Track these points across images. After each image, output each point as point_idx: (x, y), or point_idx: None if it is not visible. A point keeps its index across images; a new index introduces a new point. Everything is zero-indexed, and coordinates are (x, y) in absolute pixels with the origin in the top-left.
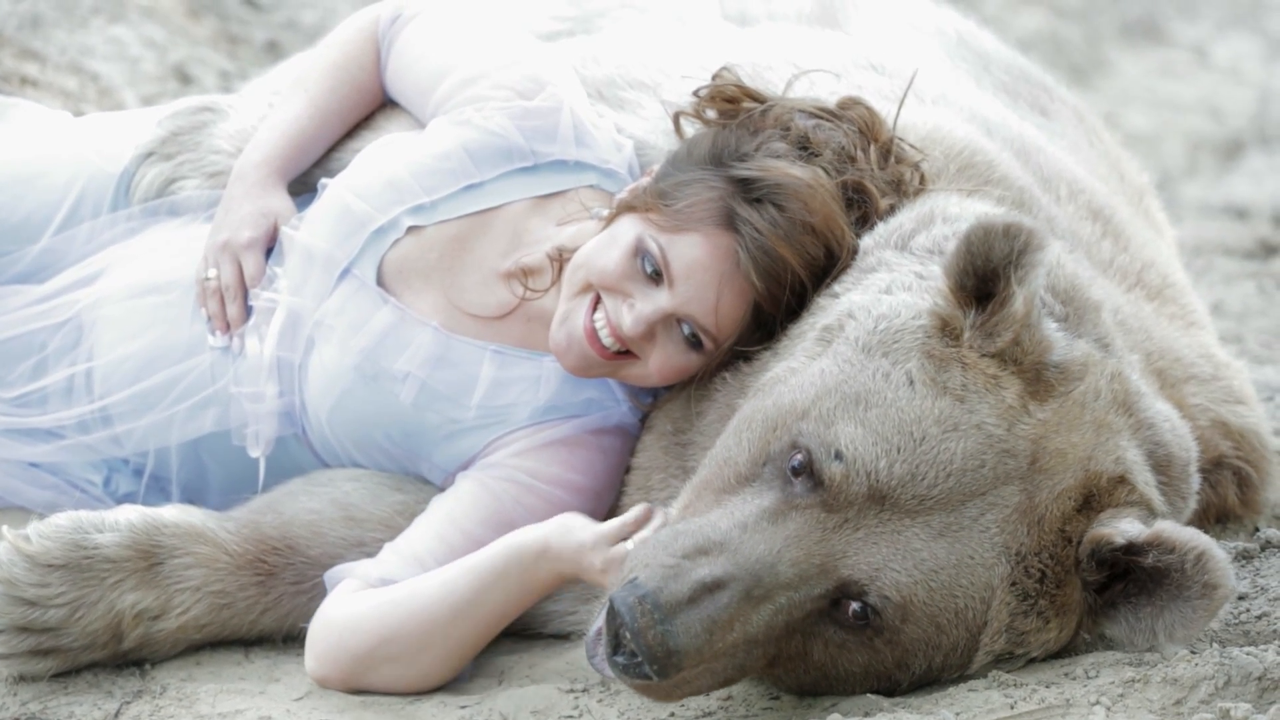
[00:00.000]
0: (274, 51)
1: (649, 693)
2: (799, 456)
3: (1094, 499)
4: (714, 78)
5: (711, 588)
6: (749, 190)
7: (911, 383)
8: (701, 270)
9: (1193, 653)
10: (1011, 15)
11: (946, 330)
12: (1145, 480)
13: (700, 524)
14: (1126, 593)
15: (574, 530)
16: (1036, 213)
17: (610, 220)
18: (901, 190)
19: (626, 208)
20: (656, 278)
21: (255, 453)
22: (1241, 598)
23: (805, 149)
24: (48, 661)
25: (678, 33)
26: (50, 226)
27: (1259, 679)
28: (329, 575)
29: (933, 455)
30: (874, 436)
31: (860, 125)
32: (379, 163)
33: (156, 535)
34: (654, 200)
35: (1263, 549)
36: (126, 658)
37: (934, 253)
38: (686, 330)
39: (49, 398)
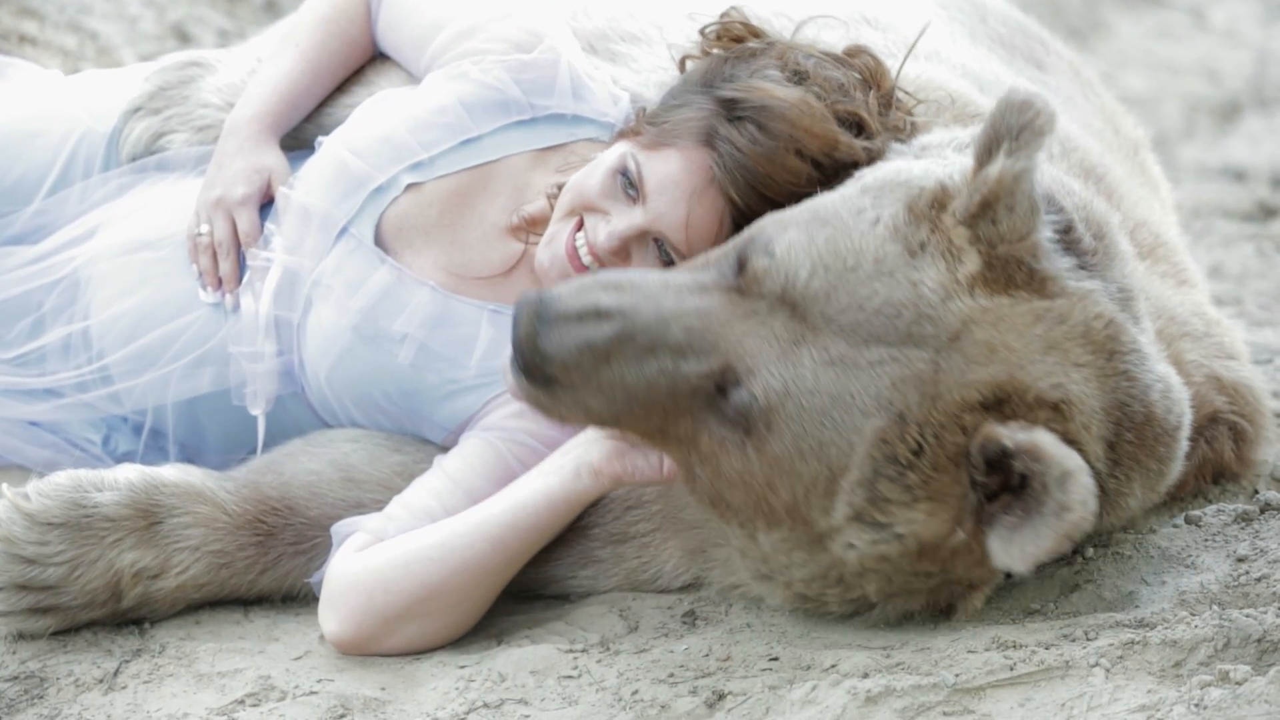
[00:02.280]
0: (272, 10)
1: (535, 405)
2: (746, 248)
3: (1008, 406)
4: (721, 16)
5: (600, 315)
6: (732, 110)
7: (876, 222)
8: (673, 185)
9: (1192, 615)
10: None
11: (942, 194)
12: (1088, 423)
13: (639, 272)
14: (1009, 506)
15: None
16: None
17: (606, 148)
18: (899, 138)
19: (621, 134)
20: (635, 196)
21: (255, 411)
22: (1241, 560)
23: (798, 75)
24: (46, 619)
25: None
26: (43, 187)
27: (1258, 641)
28: (336, 528)
29: (854, 285)
30: (811, 248)
31: (864, 74)
32: (375, 119)
33: (156, 494)
34: (642, 123)
35: (1262, 511)
36: (125, 616)
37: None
38: (662, 249)
39: (47, 356)
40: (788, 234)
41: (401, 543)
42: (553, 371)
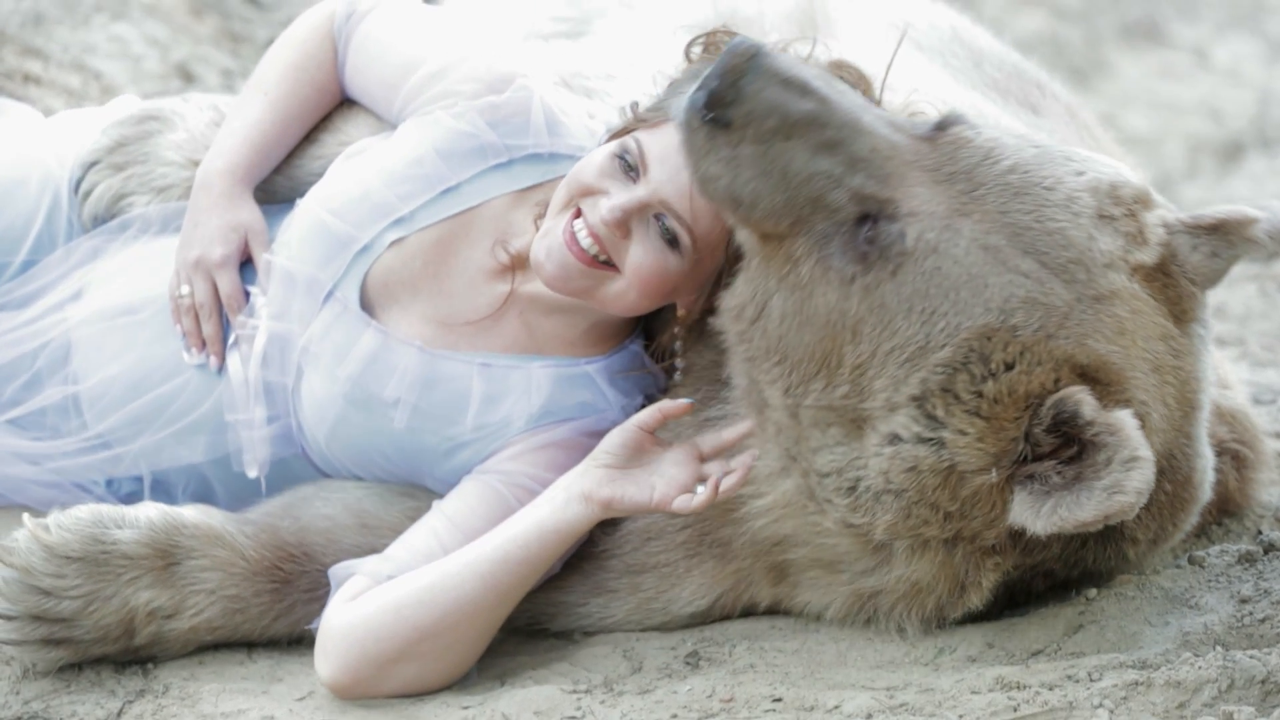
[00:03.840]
0: None
1: (691, 143)
2: (952, 114)
3: (1099, 389)
4: (708, 34)
5: (805, 92)
6: None
7: (1081, 174)
8: (675, 154)
9: (1196, 656)
10: (1011, 16)
11: (1147, 196)
12: (1152, 445)
13: (850, 89)
14: (1048, 472)
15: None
16: None
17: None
18: None
19: (612, 138)
20: (634, 174)
21: (252, 474)
22: (1244, 600)
23: None
24: (58, 652)
25: (647, 33)
26: (27, 240)
27: (1262, 682)
28: (335, 572)
29: (1043, 201)
30: (1018, 151)
31: (851, 83)
32: (352, 176)
33: (176, 535)
34: (635, 120)
35: (1265, 552)
36: (137, 654)
37: None
38: (666, 222)
39: (47, 413)
40: (998, 130)
41: (393, 587)
42: (735, 115)
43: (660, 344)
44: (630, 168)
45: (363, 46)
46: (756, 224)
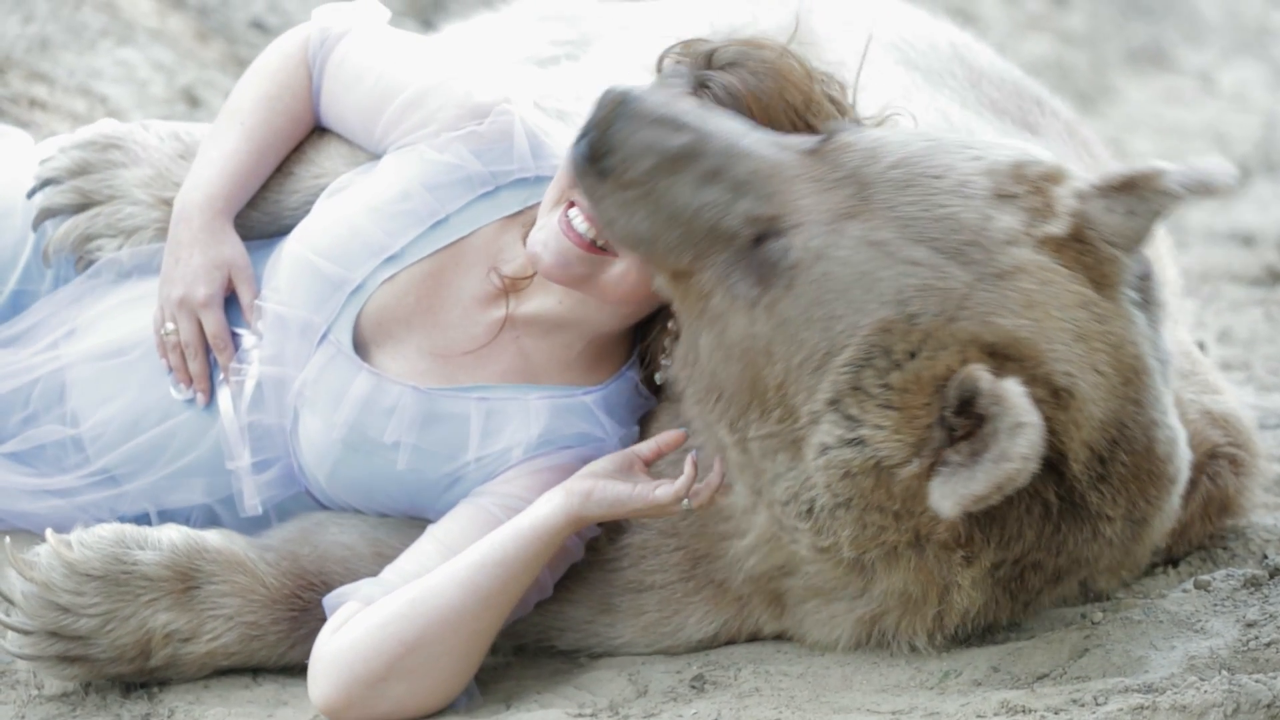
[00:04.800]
0: None
1: (584, 188)
2: (840, 122)
3: (1013, 365)
4: (682, 45)
5: (678, 126)
6: (719, 62)
7: (978, 159)
8: None
9: (1202, 680)
10: (1018, 41)
11: (1059, 173)
12: (1080, 424)
13: (729, 114)
14: (953, 453)
15: (603, 487)
16: None
17: None
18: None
19: None
20: None
21: (246, 514)
22: (1250, 625)
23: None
24: (74, 669)
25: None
26: (16, 269)
27: (1268, 706)
28: (328, 601)
29: (930, 190)
30: (904, 144)
31: (832, 93)
32: (338, 215)
33: (197, 559)
34: None
35: (1271, 576)
36: (152, 675)
37: None
38: None
39: (46, 447)
40: (887, 125)
41: (379, 608)
42: (614, 162)
43: (650, 350)
44: None
45: (338, 73)
46: (661, 263)
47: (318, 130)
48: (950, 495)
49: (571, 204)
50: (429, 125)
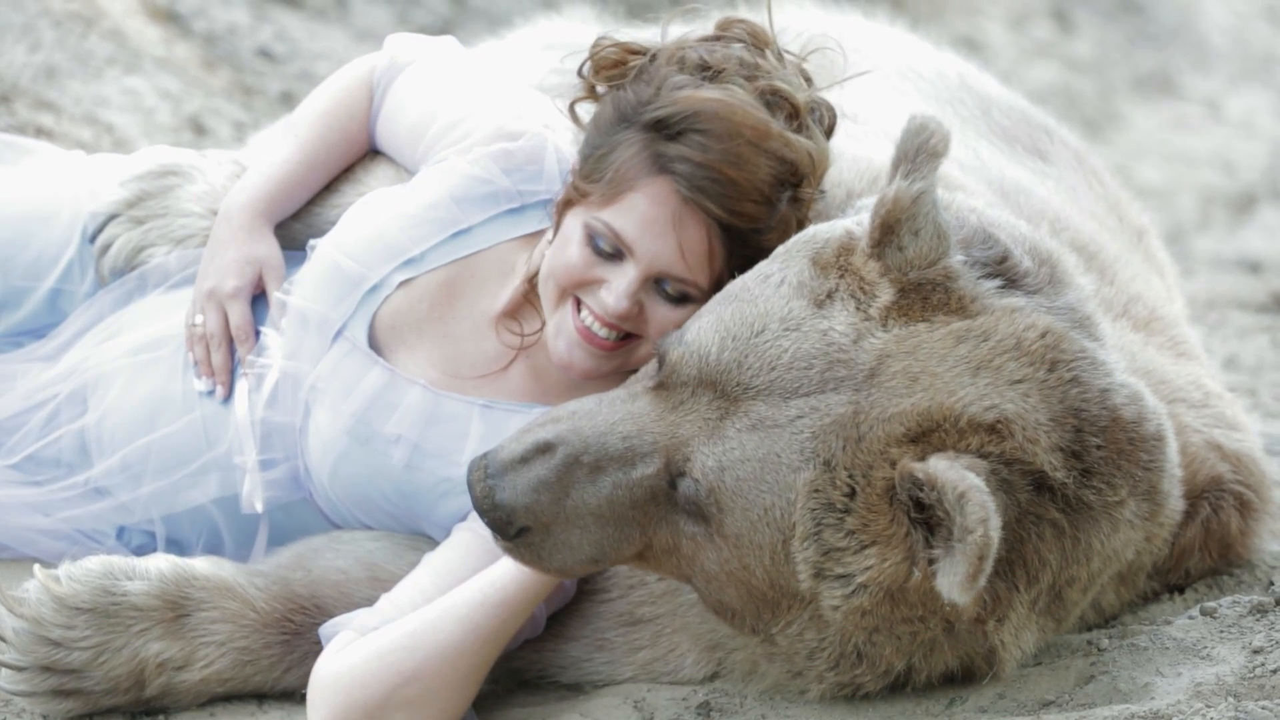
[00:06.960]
0: (288, 102)
1: (518, 557)
2: (664, 343)
3: (937, 435)
4: (591, 49)
5: (543, 450)
6: (667, 129)
7: (782, 283)
8: (651, 223)
9: (1208, 707)
10: (1025, 68)
11: (849, 241)
12: (1034, 437)
13: (575, 400)
14: (934, 546)
15: None
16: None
17: (557, 224)
18: (812, 84)
19: (565, 205)
20: (617, 255)
21: (248, 509)
22: (1256, 651)
23: (707, 71)
24: (69, 703)
25: None
26: (57, 268)
27: None
28: (324, 629)
29: (763, 348)
30: (719, 325)
31: (748, 39)
32: (367, 219)
33: (186, 587)
34: (584, 184)
35: (1277, 603)
36: (148, 705)
37: None
38: (668, 288)
39: (63, 453)
40: (700, 319)
41: (378, 636)
42: (519, 520)
43: None
44: (610, 253)
45: (397, 96)
46: (621, 561)
47: (370, 154)
48: (954, 585)
49: (578, 303)
50: (464, 142)
